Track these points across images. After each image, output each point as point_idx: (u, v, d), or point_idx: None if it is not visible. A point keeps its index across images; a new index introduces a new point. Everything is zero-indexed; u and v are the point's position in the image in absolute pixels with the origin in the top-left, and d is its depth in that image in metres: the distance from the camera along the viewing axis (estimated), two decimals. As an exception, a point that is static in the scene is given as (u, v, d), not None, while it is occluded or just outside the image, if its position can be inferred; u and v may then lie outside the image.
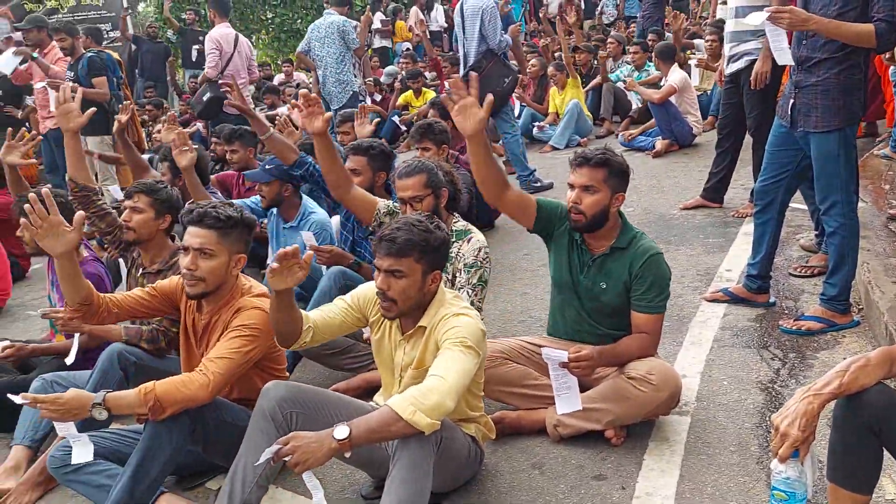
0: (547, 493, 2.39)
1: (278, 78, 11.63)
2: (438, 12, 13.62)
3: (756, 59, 4.27)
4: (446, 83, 2.65)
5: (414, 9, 13.32)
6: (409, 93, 9.08)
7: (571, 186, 2.64)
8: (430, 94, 9.09)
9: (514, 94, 7.09)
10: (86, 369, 3.10)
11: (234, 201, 3.81)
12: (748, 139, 4.75)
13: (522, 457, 2.60)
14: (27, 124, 7.46)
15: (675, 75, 6.92)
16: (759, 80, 4.19)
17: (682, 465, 2.45)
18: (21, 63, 6.52)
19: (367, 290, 2.48)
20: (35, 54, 6.36)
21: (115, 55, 7.88)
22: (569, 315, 2.78)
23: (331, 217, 4.10)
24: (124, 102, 4.84)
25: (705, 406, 2.79)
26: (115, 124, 4.45)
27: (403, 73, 9.58)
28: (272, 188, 3.95)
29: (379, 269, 2.27)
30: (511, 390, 2.72)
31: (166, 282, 2.74)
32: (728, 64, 4.67)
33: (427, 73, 10.93)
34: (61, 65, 6.40)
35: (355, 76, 6.98)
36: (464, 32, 6.03)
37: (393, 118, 8.89)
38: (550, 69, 8.10)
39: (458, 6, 6.20)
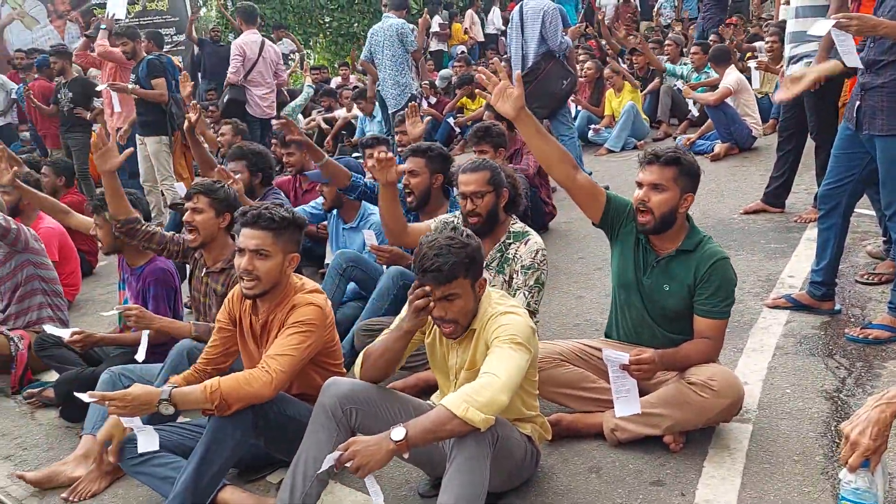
0: (604, 498, 2.37)
1: (335, 81, 11.79)
2: (495, 14, 13.64)
3: None
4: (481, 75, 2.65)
5: (469, 12, 13.36)
6: (465, 97, 9.11)
7: (640, 185, 2.60)
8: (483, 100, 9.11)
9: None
10: (153, 363, 3.22)
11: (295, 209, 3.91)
12: (810, 142, 4.63)
13: (579, 460, 2.59)
14: (94, 125, 7.75)
15: (730, 77, 6.78)
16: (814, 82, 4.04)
17: (744, 473, 2.41)
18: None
19: None
20: (103, 85, 6.78)
21: (176, 59, 8.15)
22: (630, 316, 2.75)
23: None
24: (192, 103, 4.97)
25: (767, 414, 2.73)
26: (186, 123, 4.58)
27: (455, 77, 9.62)
28: (333, 189, 4.01)
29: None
30: (568, 392, 2.71)
31: (222, 310, 2.80)
32: (788, 66, 4.55)
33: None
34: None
35: (413, 79, 7.04)
36: (522, 34, 6.02)
37: (448, 120, 8.93)
38: (607, 71, 8.03)
39: (516, 8, 6.20)
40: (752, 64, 7.46)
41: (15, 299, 3.98)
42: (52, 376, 3.71)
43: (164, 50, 8.03)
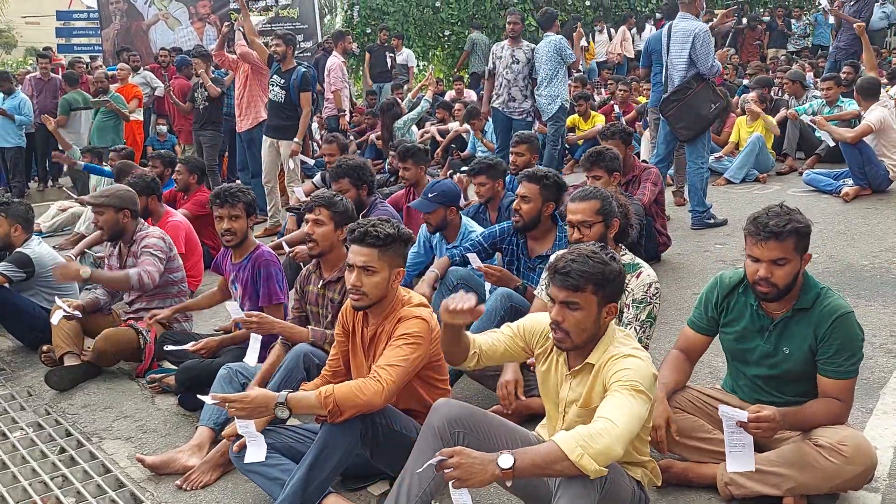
0: (714, 555, 2.27)
1: (449, 94, 11.94)
2: (648, 32, 13.40)
3: None
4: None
5: (622, 28, 13.20)
6: (576, 115, 9.01)
7: (755, 259, 2.43)
8: (599, 118, 8.97)
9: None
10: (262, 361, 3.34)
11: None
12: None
13: (688, 511, 2.49)
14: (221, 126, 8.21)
15: (874, 114, 6.37)
16: None
17: (871, 547, 2.25)
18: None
19: (534, 323, 2.47)
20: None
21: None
22: (746, 382, 2.63)
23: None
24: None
25: (899, 485, 2.54)
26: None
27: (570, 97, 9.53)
28: (436, 215, 4.08)
29: (554, 301, 2.25)
30: (680, 440, 2.60)
31: (337, 324, 2.90)
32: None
33: (596, 96, 10.81)
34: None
35: (565, 90, 7.47)
36: (668, 54, 5.89)
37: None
38: (752, 95, 7.75)
39: (665, 28, 6.03)
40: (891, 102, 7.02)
41: (141, 297, 4.23)
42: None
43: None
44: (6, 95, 9.52)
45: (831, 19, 10.84)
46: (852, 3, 10.18)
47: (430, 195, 4.10)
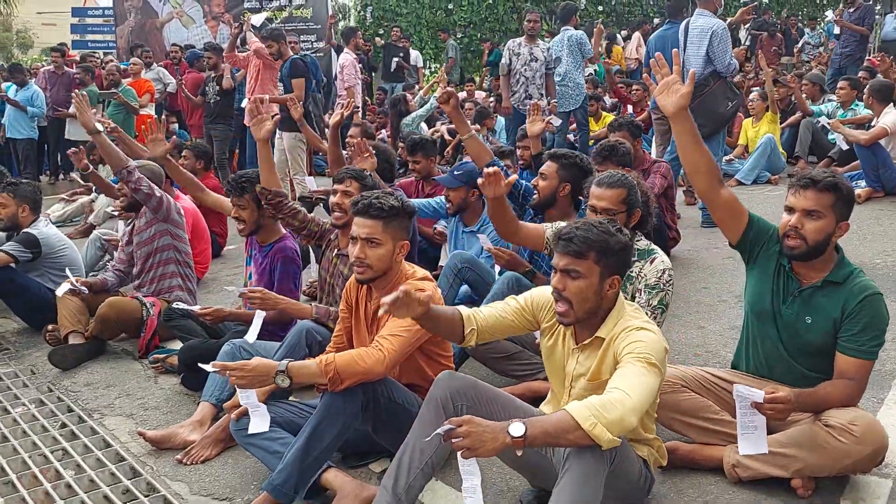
0: (721, 535, 2.22)
1: (460, 95, 11.95)
2: None
3: None
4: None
5: (636, 34, 13.16)
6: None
7: (790, 209, 2.42)
8: (609, 118, 8.95)
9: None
10: (270, 341, 3.32)
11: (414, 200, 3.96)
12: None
13: (694, 492, 2.44)
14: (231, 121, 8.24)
15: (889, 117, 6.30)
16: None
17: (881, 531, 2.20)
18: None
19: (541, 294, 2.43)
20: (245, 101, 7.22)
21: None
22: (763, 348, 2.57)
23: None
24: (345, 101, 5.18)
25: (910, 472, 2.48)
26: (337, 118, 4.68)
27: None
28: (458, 193, 4.04)
29: (556, 269, 2.22)
30: (687, 420, 2.55)
31: (341, 300, 2.89)
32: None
33: (606, 99, 10.79)
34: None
35: (584, 81, 7.82)
36: (684, 52, 5.83)
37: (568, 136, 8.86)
38: (754, 94, 7.70)
39: (682, 26, 5.97)
40: None
41: (149, 266, 4.20)
42: (178, 345, 3.90)
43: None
44: (19, 87, 9.58)
45: (837, 30, 10.76)
46: (853, 10, 10.13)
47: (455, 172, 4.06)
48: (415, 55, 13.11)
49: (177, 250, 4.24)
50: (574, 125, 7.81)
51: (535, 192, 3.64)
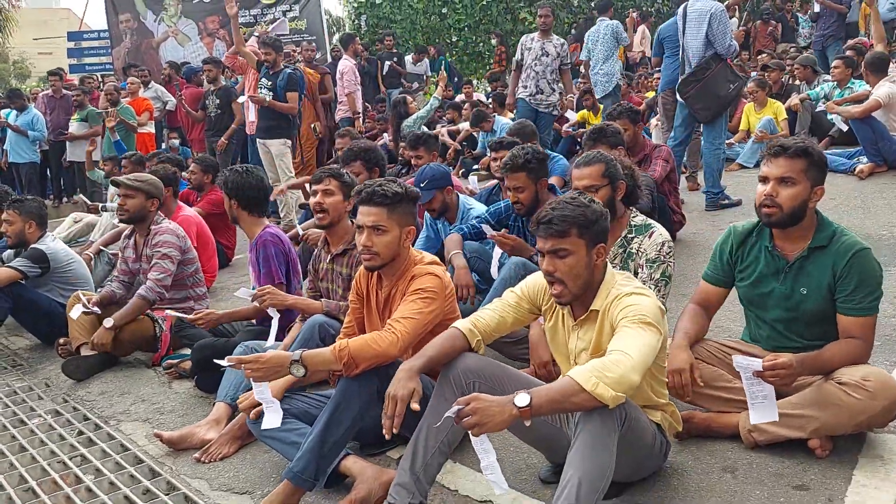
0: (742, 497, 2.22)
1: (459, 97, 11.99)
2: None
3: None
4: None
5: (642, 27, 13.18)
6: (585, 111, 9.00)
7: (764, 179, 2.43)
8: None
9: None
10: (280, 340, 3.34)
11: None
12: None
13: (712, 459, 2.44)
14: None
15: (882, 89, 6.31)
16: None
17: (901, 486, 2.19)
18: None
19: (536, 279, 2.45)
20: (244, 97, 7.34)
21: (312, 73, 8.63)
22: (765, 330, 2.59)
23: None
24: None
25: (926, 429, 2.48)
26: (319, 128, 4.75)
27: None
28: (435, 201, 4.06)
29: (542, 253, 2.23)
30: (700, 391, 2.55)
31: (351, 291, 2.91)
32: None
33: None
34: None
35: (618, 69, 8.58)
36: (684, 36, 5.84)
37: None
38: (751, 85, 7.72)
39: (681, 9, 5.96)
40: None
41: None
42: (189, 351, 3.91)
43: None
44: (19, 112, 9.65)
45: (816, 7, 10.71)
46: None
47: (422, 185, 4.03)
48: (425, 63, 13.12)
49: (185, 274, 4.25)
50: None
51: (517, 205, 3.61)
